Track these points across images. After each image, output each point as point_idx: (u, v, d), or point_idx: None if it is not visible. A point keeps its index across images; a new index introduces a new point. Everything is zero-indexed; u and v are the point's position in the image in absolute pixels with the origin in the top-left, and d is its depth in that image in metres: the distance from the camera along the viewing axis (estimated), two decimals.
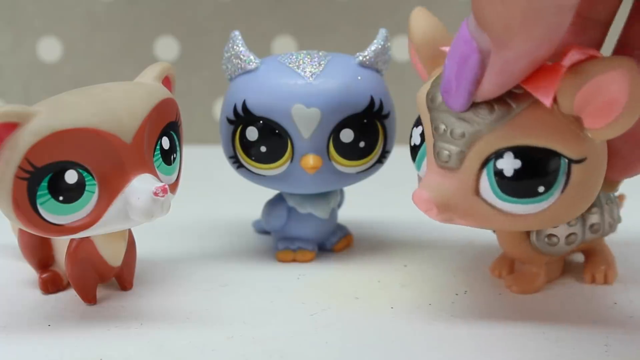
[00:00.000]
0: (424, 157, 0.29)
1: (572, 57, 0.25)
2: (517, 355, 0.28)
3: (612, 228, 0.34)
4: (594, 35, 0.30)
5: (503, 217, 0.28)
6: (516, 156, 0.26)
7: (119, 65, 0.72)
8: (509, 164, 0.27)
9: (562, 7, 0.23)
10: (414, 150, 0.30)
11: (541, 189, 0.27)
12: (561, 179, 0.27)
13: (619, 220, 0.35)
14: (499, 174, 0.27)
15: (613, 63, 0.24)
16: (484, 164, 0.27)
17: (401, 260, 0.38)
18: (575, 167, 0.27)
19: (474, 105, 0.27)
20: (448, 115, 0.27)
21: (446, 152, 0.27)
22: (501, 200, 0.27)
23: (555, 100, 0.25)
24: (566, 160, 0.27)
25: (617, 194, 0.35)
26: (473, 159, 0.27)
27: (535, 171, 0.27)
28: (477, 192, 0.27)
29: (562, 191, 0.27)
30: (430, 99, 0.28)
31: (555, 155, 0.26)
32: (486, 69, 0.25)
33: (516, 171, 0.27)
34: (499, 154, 0.27)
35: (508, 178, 0.27)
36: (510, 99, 0.26)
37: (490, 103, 0.26)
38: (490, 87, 0.25)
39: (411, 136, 0.30)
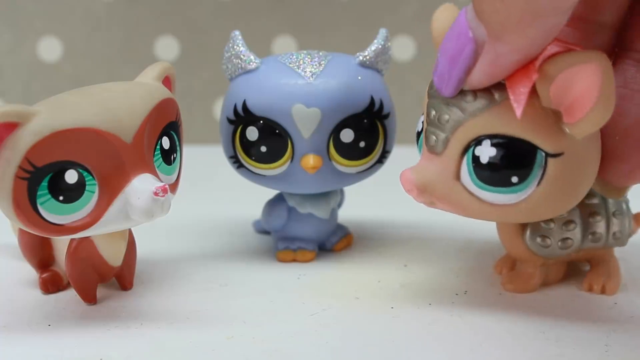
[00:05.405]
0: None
1: (550, 50, 0.25)
2: (517, 355, 0.28)
3: (618, 241, 0.33)
4: (602, 40, 0.29)
5: (481, 205, 0.28)
6: (492, 144, 0.27)
7: (119, 65, 0.72)
8: (485, 152, 0.27)
9: (559, 9, 0.23)
10: (418, 136, 0.31)
11: (515, 179, 0.27)
12: (536, 172, 0.27)
13: (629, 234, 0.34)
14: (476, 160, 0.27)
15: (585, 56, 0.25)
16: (465, 150, 0.27)
17: (401, 260, 0.38)
18: (551, 161, 0.27)
19: (461, 93, 0.27)
20: (438, 101, 0.28)
21: (433, 137, 0.28)
22: (478, 188, 0.28)
23: (536, 93, 0.25)
24: (543, 154, 0.27)
25: (635, 211, 0.35)
26: (455, 144, 0.27)
27: (509, 161, 0.27)
28: (457, 177, 0.28)
29: (538, 184, 0.27)
30: (430, 86, 0.29)
31: (531, 147, 0.27)
32: (479, 59, 0.25)
33: (491, 159, 0.27)
34: (478, 141, 0.27)
35: (483, 165, 0.27)
36: (494, 88, 0.27)
37: (474, 91, 0.27)
38: (480, 77, 0.26)
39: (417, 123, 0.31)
